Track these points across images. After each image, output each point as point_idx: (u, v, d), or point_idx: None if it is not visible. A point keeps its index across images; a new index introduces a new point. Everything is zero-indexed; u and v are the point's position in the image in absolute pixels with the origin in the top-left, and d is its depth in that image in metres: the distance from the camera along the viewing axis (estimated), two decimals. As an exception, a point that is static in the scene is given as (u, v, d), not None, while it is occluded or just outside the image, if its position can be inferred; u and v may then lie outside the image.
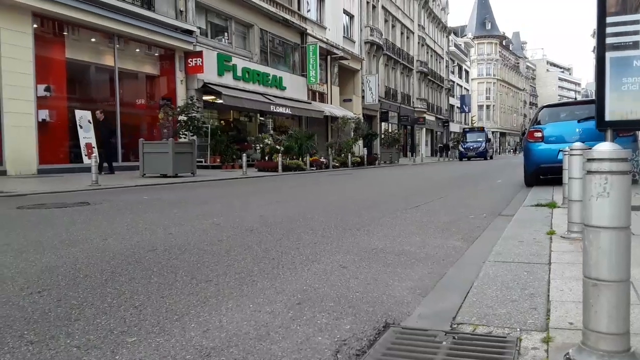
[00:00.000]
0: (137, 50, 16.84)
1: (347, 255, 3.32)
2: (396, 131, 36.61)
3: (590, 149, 1.51)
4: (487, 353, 1.65)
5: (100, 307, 2.23)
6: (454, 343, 1.75)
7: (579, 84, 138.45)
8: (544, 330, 1.79)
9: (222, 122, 20.78)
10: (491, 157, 41.05)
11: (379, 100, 34.02)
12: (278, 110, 21.37)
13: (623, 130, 6.76)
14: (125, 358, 1.68)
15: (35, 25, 12.89)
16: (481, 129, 42.48)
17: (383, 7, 37.33)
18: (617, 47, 5.17)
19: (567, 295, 2.19)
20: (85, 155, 13.85)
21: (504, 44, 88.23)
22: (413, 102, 45.41)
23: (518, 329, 1.83)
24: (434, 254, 3.35)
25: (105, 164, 12.87)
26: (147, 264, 3.04)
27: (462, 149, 38.83)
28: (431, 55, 52.04)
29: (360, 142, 26.92)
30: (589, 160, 1.47)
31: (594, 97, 6.14)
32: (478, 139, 39.27)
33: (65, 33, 14.18)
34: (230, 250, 3.45)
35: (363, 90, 32.53)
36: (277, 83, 22.51)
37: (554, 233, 3.74)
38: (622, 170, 1.43)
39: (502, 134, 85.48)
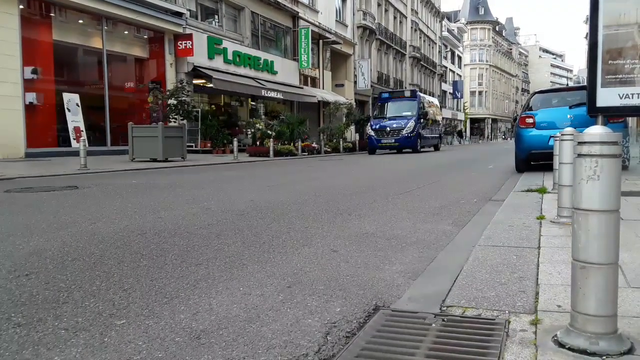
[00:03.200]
0: (126, 32, 16.58)
1: (337, 239, 3.32)
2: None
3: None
4: (476, 335, 1.66)
5: (89, 290, 2.21)
6: (443, 325, 1.76)
7: (571, 71, 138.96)
8: (532, 313, 1.81)
9: (213, 106, 20.62)
10: (436, 148, 25.36)
11: (371, 86, 33.91)
12: (269, 95, 21.21)
13: (614, 116, 6.81)
14: (114, 340, 1.67)
15: (21, 6, 12.63)
16: (411, 96, 23.32)
17: (376, -9, 37.02)
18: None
19: (556, 278, 2.21)
20: (74, 138, 13.69)
21: (497, 29, 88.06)
22: (405, 87, 45.30)
23: (507, 312, 1.84)
24: (425, 238, 3.36)
25: None
26: (136, 248, 3.02)
27: (372, 132, 21.32)
28: (424, 41, 51.83)
29: (352, 128, 26.89)
30: (579, 143, 1.47)
31: (585, 84, 6.15)
32: (404, 114, 21.68)
33: (52, 14, 13.92)
34: (220, 234, 3.44)
35: (355, 76, 32.38)
36: (269, 67, 22.32)
37: (544, 218, 3.76)
38: (613, 153, 1.43)
39: (494, 120, 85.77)
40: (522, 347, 1.53)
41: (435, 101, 30.42)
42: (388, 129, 20.92)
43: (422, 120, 21.99)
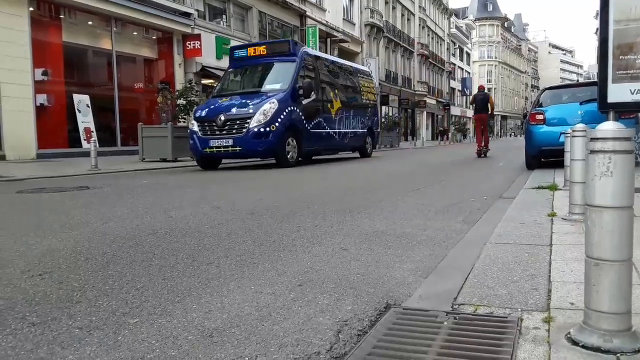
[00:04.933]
0: (135, 33, 16.69)
1: (347, 237, 3.32)
2: (397, 115, 36.41)
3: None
4: (488, 333, 1.65)
5: (102, 289, 2.24)
6: (455, 323, 1.75)
7: (581, 67, 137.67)
8: (545, 311, 1.80)
9: (222, 106, 20.63)
10: (363, 152, 15.12)
11: (379, 84, 33.83)
12: (277, 94, 21.16)
13: (625, 112, 6.74)
14: (128, 339, 1.69)
15: (31, 9, 12.77)
16: (286, 52, 11.41)
17: (383, -11, 36.93)
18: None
19: (568, 275, 2.19)
20: (84, 139, 13.82)
21: (505, 25, 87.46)
22: (414, 85, 45.17)
23: (519, 309, 1.83)
24: (435, 236, 3.35)
25: None
26: (148, 247, 3.05)
27: (195, 124, 10.46)
28: (432, 38, 51.62)
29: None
30: (592, 139, 1.46)
31: (596, 79, 6.09)
32: (267, 87, 11.02)
33: (61, 16, 14.06)
34: (231, 233, 3.45)
35: (363, 74, 32.31)
36: (277, 66, 22.29)
37: (555, 215, 3.74)
38: (626, 149, 1.42)
39: (504, 117, 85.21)
40: (535, 344, 1.52)
41: (364, 73, 16.36)
42: (222, 118, 10.10)
43: (302, 99, 10.95)
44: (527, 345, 1.52)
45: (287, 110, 10.46)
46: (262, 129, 9.99)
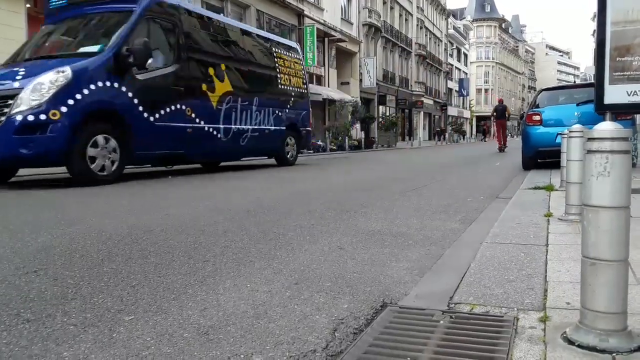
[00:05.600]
0: (133, 30, 16.62)
1: (344, 236, 3.32)
2: (394, 115, 36.46)
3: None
4: (484, 332, 1.65)
5: (97, 286, 2.22)
6: (451, 322, 1.75)
7: (577, 68, 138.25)
8: (541, 310, 1.80)
9: (219, 104, 20.48)
10: (281, 158, 11.39)
11: (376, 84, 33.86)
12: (275, 93, 21.07)
13: (622, 113, 6.77)
14: (123, 336, 1.68)
15: (27, 5, 12.70)
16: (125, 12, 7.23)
17: (381, -11, 36.95)
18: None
19: (565, 275, 2.20)
20: (81, 137, 13.72)
21: (503, 27, 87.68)
22: (411, 85, 45.22)
23: (515, 309, 1.84)
24: (432, 236, 3.35)
25: None
26: (144, 244, 3.04)
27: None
28: (430, 38, 51.69)
29: (358, 126, 26.89)
30: (589, 139, 1.46)
31: (592, 81, 6.12)
32: (83, 50, 6.88)
33: (59, 13, 13.97)
34: (227, 232, 3.45)
35: (361, 74, 32.35)
36: (274, 65, 22.20)
37: (552, 215, 3.75)
38: (623, 149, 1.42)
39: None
40: (531, 344, 1.52)
41: (286, 47, 11.94)
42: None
43: (136, 70, 7.07)
44: (523, 345, 1.52)
45: (93, 87, 6.45)
46: (31, 117, 5.95)
